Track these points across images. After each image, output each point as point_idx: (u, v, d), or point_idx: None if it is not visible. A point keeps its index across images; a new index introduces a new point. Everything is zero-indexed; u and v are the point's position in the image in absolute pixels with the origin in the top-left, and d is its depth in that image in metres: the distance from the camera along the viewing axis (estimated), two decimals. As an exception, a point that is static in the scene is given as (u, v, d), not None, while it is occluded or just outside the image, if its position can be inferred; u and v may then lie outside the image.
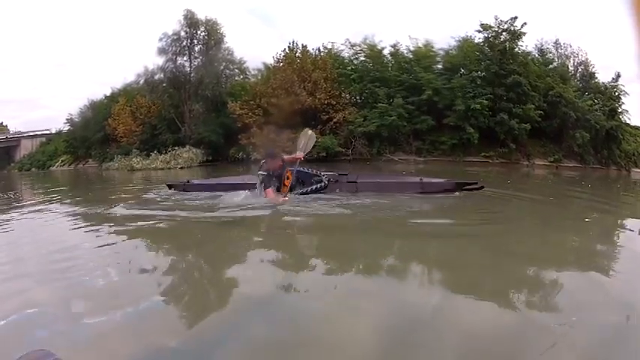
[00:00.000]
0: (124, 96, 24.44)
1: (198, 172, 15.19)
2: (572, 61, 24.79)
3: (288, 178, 4.05)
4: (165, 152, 18.85)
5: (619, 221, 3.91)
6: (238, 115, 18.48)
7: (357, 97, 18.81)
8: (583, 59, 24.73)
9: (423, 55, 19.42)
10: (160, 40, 20.98)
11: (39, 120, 65.00)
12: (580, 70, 24.54)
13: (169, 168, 17.43)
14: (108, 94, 27.54)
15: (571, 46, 24.79)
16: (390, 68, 19.50)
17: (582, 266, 1.96)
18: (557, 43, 24.51)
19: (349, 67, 19.45)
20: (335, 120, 17.88)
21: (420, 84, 18.09)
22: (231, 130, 18.98)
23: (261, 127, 17.93)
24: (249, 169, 15.31)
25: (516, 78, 19.15)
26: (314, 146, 16.57)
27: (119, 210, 4.00)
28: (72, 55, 63.27)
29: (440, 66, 19.72)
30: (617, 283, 1.79)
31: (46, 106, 65.72)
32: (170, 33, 20.85)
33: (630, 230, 3.27)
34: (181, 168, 17.29)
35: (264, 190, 3.87)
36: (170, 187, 5.16)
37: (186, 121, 20.42)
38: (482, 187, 4.32)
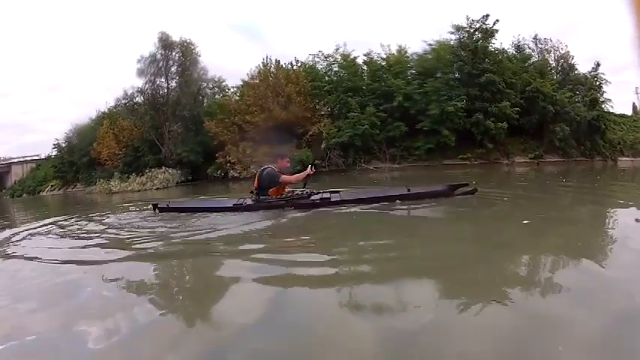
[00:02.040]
0: (108, 119, 25.04)
1: (173, 193, 15.54)
2: (552, 55, 25.05)
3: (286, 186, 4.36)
4: (143, 174, 19.28)
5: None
6: (214, 134, 18.94)
7: (332, 109, 19.15)
8: (563, 52, 24.97)
9: (396, 62, 19.81)
10: (138, 61, 21.72)
11: (31, 144, 66.04)
12: (561, 63, 24.70)
13: (145, 189, 17.92)
14: (93, 117, 28.09)
15: (551, 41, 25.12)
16: (363, 77, 19.86)
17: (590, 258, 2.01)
18: (536, 39, 24.87)
19: (324, 79, 19.83)
20: (310, 133, 18.27)
21: (391, 91, 18.50)
22: (210, 149, 19.47)
23: (237, 145, 18.40)
24: (227, 188, 15.86)
25: (490, 77, 19.48)
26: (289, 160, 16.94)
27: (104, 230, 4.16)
28: (63, 77, 64.44)
29: (413, 71, 20.00)
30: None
31: (37, 130, 66.77)
32: (147, 55, 21.49)
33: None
34: (157, 189, 17.80)
35: (281, 177, 4.17)
36: (155, 207, 5.07)
37: (165, 142, 20.94)
38: (476, 190, 4.26)
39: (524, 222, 3.01)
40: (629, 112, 33.75)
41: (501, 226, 3.24)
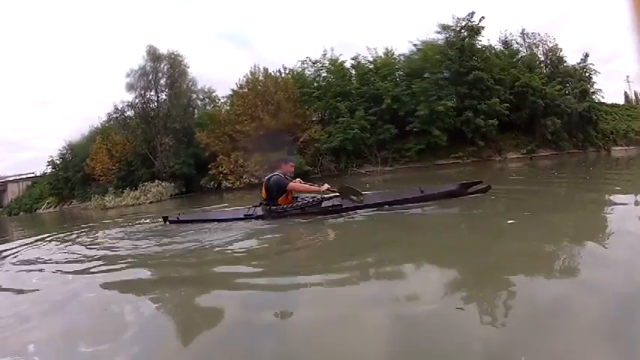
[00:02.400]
0: (100, 134, 25.13)
1: (168, 205, 15.60)
2: (541, 49, 25.13)
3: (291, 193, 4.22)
4: (137, 188, 19.36)
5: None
6: (206, 145, 19.02)
7: (322, 114, 19.24)
8: (552, 46, 25.04)
9: (383, 64, 19.90)
10: (128, 75, 21.83)
11: (25, 162, 65.99)
12: (549, 56, 24.77)
13: (139, 204, 18.00)
14: (86, 133, 28.19)
15: (539, 35, 25.20)
16: (352, 81, 19.95)
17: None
18: (523, 33, 24.96)
19: (313, 85, 19.92)
20: (302, 139, 18.35)
21: (380, 94, 18.59)
22: (202, 161, 19.55)
23: (228, 155, 18.48)
24: (221, 198, 15.93)
25: (477, 74, 19.59)
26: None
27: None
28: (53, 92, 64.47)
29: (401, 73, 20.08)
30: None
31: (31, 147, 66.77)
32: (136, 68, 21.64)
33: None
34: (151, 202, 17.84)
35: (290, 182, 4.03)
36: (166, 219, 5.04)
37: (158, 155, 21.02)
38: (490, 188, 4.17)
39: (526, 213, 3.20)
40: (620, 101, 34.04)
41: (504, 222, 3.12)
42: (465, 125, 19.18)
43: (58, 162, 29.43)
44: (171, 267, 2.84)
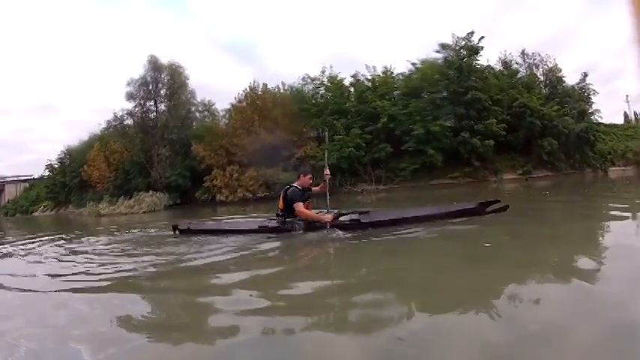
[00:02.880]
0: (99, 141, 25.34)
1: (161, 216, 15.73)
2: (540, 69, 25.27)
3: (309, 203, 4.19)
4: (131, 197, 19.51)
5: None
6: (202, 157, 19.17)
7: (318, 132, 19.40)
8: (552, 66, 25.17)
9: (382, 83, 20.07)
10: (128, 84, 22.08)
11: (25, 164, 66.29)
12: (549, 76, 24.91)
13: (133, 213, 18.12)
14: (85, 139, 28.43)
15: (539, 55, 25.37)
16: (350, 98, 20.13)
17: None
18: (523, 53, 25.12)
19: (312, 102, 20.08)
20: (297, 156, 18.48)
21: (377, 112, 18.74)
22: (198, 173, 19.71)
23: (224, 168, 18.64)
24: (215, 211, 16.07)
25: (475, 94, 19.73)
26: (275, 184, 16.96)
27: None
28: (58, 96, 64.81)
29: (399, 92, 20.25)
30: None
31: (32, 150, 67.27)
32: (136, 78, 21.88)
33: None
34: (144, 212, 17.96)
35: (296, 204, 3.92)
36: (175, 229, 4.95)
37: (155, 166, 21.17)
38: (507, 207, 4.21)
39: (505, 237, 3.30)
40: (620, 120, 34.11)
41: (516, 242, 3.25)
42: (461, 145, 19.30)
43: (56, 166, 29.70)
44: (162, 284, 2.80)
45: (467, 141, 19.18)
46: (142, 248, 4.42)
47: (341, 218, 3.99)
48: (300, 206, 3.89)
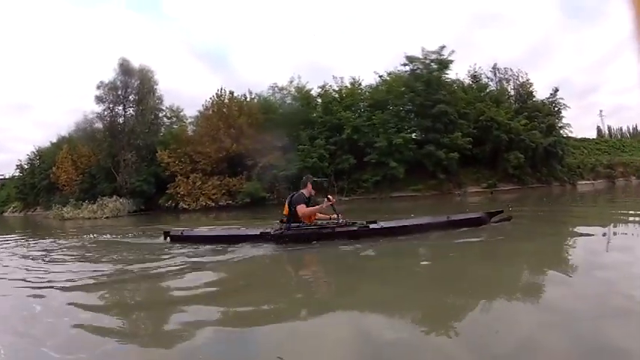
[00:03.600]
0: (68, 144, 25.16)
1: (123, 222, 15.74)
2: (512, 84, 25.77)
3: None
4: (95, 202, 19.44)
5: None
6: (166, 164, 19.19)
7: (283, 141, 19.53)
8: (523, 81, 25.68)
9: (349, 94, 20.28)
10: (98, 87, 21.99)
11: (1, 163, 64.61)
12: (519, 91, 25.38)
13: (96, 218, 18.07)
14: (54, 140, 28.23)
15: (511, 70, 25.91)
16: (317, 109, 20.33)
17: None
18: (495, 68, 25.60)
19: (278, 112, 20.20)
20: (260, 165, 18.61)
21: (341, 123, 18.93)
22: (162, 180, 19.72)
23: (187, 175, 18.70)
24: (177, 218, 16.13)
25: (442, 107, 20.03)
26: (238, 192, 17.03)
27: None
28: (36, 96, 63.37)
29: (365, 103, 20.48)
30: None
31: (7, 149, 65.98)
32: (106, 81, 21.87)
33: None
34: (107, 218, 17.92)
35: (299, 205, 4.10)
36: (167, 235, 4.91)
37: (121, 171, 21.12)
38: (512, 217, 4.53)
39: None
40: (594, 134, 34.94)
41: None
42: (426, 158, 19.56)
43: (26, 167, 29.43)
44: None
45: (432, 154, 19.44)
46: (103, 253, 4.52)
47: (337, 230, 4.08)
48: (302, 207, 4.06)
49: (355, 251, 3.74)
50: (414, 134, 19.32)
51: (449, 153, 19.62)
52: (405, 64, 21.08)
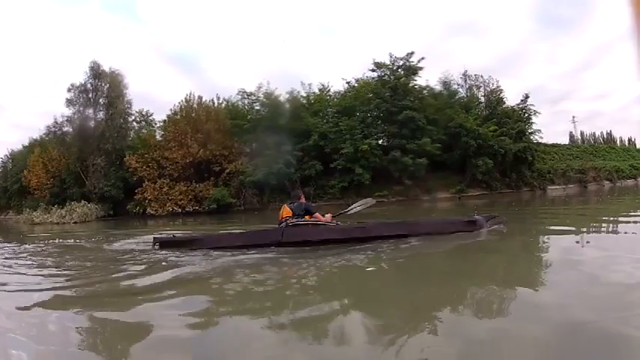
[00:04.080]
0: (39, 147, 25.06)
1: (91, 227, 15.77)
2: (482, 91, 26.26)
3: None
4: (63, 207, 19.44)
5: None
6: (134, 169, 19.25)
7: (250, 147, 19.72)
8: (494, 88, 26.17)
9: (317, 100, 20.51)
10: (69, 90, 21.97)
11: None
12: (490, 98, 25.85)
13: (64, 223, 18.09)
14: (26, 143, 28.06)
15: (482, 77, 26.39)
16: (285, 115, 20.50)
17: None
18: (465, 75, 26.05)
19: (246, 117, 20.35)
20: (228, 171, 18.77)
21: (308, 130, 19.13)
22: (131, 185, 19.78)
23: (155, 181, 18.78)
24: (145, 224, 16.21)
25: (409, 113, 20.30)
26: (205, 198, 17.24)
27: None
28: (9, 97, 62.39)
29: (333, 110, 20.73)
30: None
31: None
32: (77, 84, 21.84)
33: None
34: (75, 223, 17.94)
35: (312, 214, 4.62)
36: (156, 242, 4.83)
37: (90, 175, 21.11)
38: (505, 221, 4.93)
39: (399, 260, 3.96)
40: (566, 140, 35.79)
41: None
42: (391, 164, 19.85)
43: (-2, 169, 29.24)
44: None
45: (397, 160, 19.73)
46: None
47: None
48: (318, 215, 4.64)
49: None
50: (380, 140, 19.59)
51: (416, 159, 19.91)
52: (372, 70, 21.41)
